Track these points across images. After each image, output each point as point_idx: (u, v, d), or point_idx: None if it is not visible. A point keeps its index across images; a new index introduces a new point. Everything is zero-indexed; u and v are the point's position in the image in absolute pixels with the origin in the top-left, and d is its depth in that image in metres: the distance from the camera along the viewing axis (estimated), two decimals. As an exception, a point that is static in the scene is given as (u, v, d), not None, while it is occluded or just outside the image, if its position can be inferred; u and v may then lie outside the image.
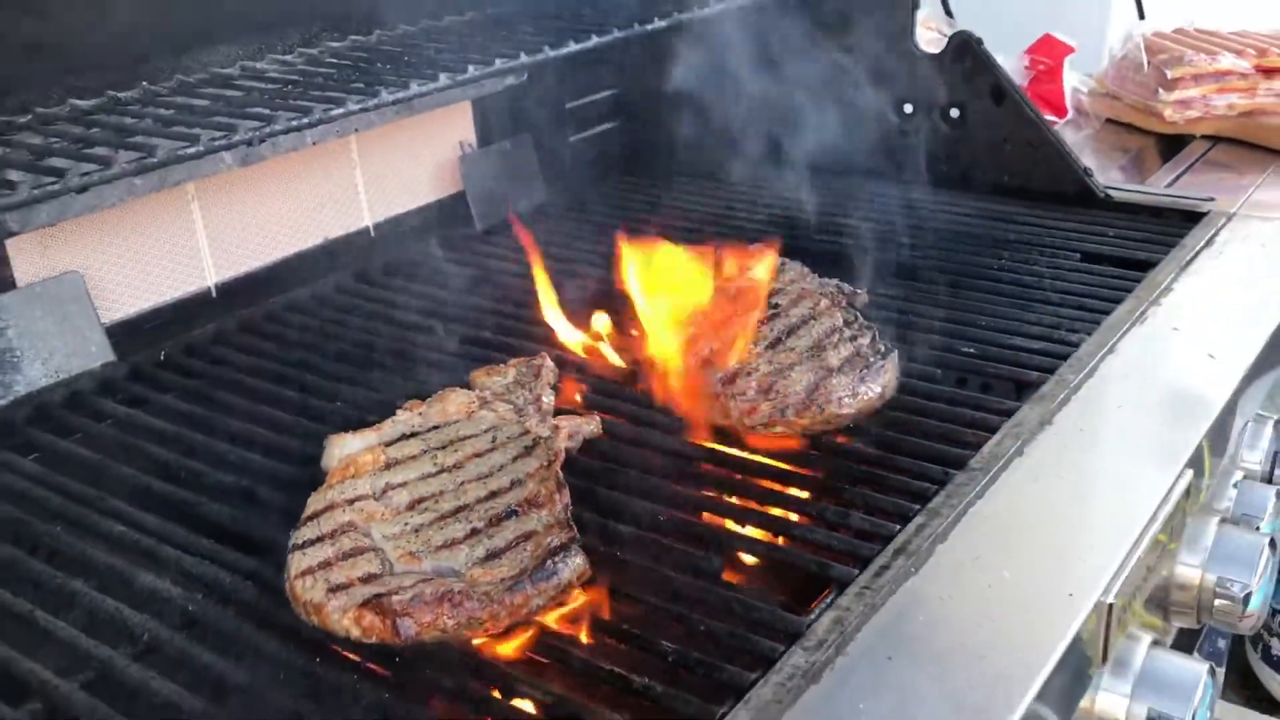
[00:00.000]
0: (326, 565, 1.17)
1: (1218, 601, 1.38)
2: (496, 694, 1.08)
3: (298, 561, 1.18)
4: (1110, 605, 1.13)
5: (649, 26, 1.94)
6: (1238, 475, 1.72)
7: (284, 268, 1.94)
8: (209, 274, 1.73)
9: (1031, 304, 1.80)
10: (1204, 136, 2.55)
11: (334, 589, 1.13)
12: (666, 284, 1.76)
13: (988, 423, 1.46)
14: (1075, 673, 1.11)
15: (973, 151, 2.28)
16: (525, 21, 2.03)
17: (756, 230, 2.08)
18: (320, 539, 1.21)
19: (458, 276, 2.02)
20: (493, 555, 1.18)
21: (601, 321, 1.76)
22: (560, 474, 1.30)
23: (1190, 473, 1.33)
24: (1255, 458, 1.77)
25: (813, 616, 1.13)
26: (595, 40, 1.84)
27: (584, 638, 1.16)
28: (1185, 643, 1.75)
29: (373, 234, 2.06)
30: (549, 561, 1.15)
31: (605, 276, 1.92)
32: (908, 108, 2.34)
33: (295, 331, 1.84)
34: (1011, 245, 2.02)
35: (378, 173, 2.05)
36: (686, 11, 2.04)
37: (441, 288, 1.98)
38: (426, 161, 2.14)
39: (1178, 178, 2.34)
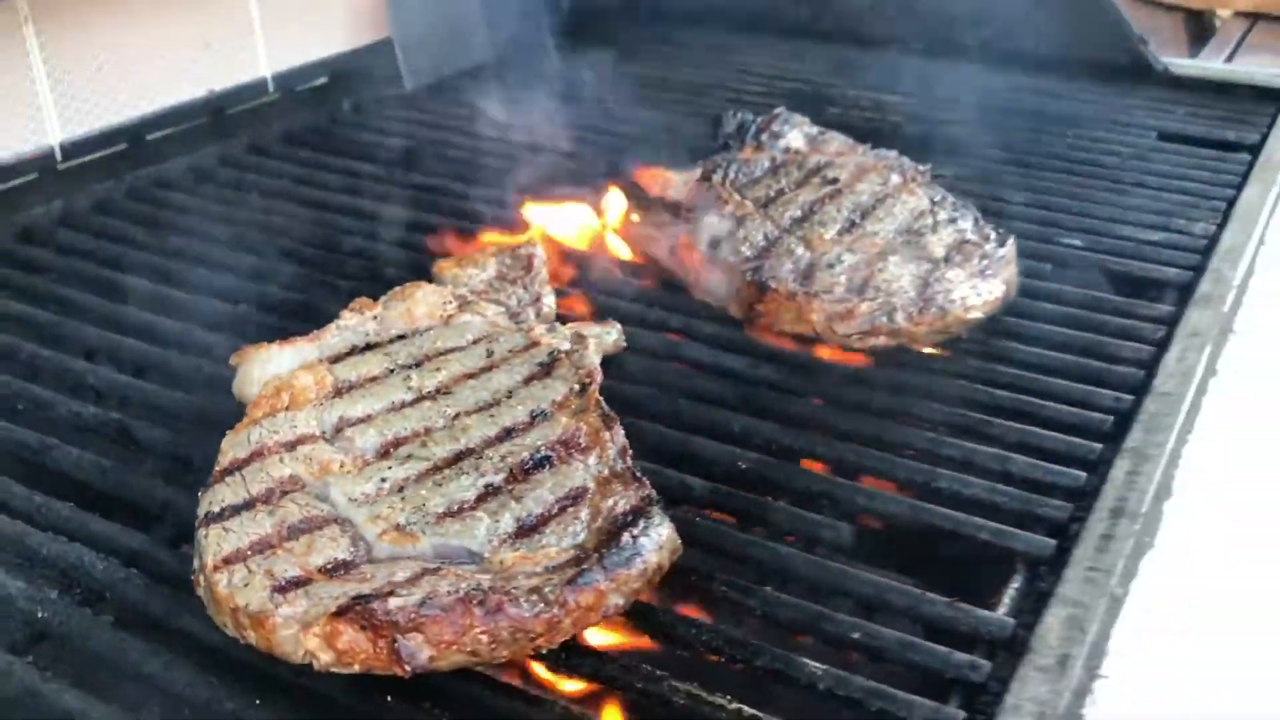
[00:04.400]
0: (265, 547, 0.73)
1: None
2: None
3: (216, 541, 0.74)
4: None
5: None
6: None
7: (155, 126, 1.45)
8: (52, 129, 1.25)
9: (1124, 188, 1.45)
10: (1239, 13, 2.23)
11: (282, 587, 0.70)
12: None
13: (1142, 332, 1.10)
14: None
15: (1000, 13, 1.90)
16: None
17: (761, 101, 1.66)
18: (249, 504, 0.77)
19: (385, 147, 1.56)
20: (527, 529, 0.76)
21: (611, 204, 1.33)
22: (603, 401, 0.89)
23: None
24: None
25: (1008, 614, 0.75)
26: None
27: (677, 647, 0.75)
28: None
29: (271, 88, 1.58)
30: (624, 536, 0.74)
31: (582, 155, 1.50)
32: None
33: (170, 213, 1.37)
34: (1073, 122, 1.66)
35: (279, 7, 1.55)
36: None
37: (364, 160, 1.52)
38: (342, -3, 1.65)
39: (1229, 57, 2.01)
